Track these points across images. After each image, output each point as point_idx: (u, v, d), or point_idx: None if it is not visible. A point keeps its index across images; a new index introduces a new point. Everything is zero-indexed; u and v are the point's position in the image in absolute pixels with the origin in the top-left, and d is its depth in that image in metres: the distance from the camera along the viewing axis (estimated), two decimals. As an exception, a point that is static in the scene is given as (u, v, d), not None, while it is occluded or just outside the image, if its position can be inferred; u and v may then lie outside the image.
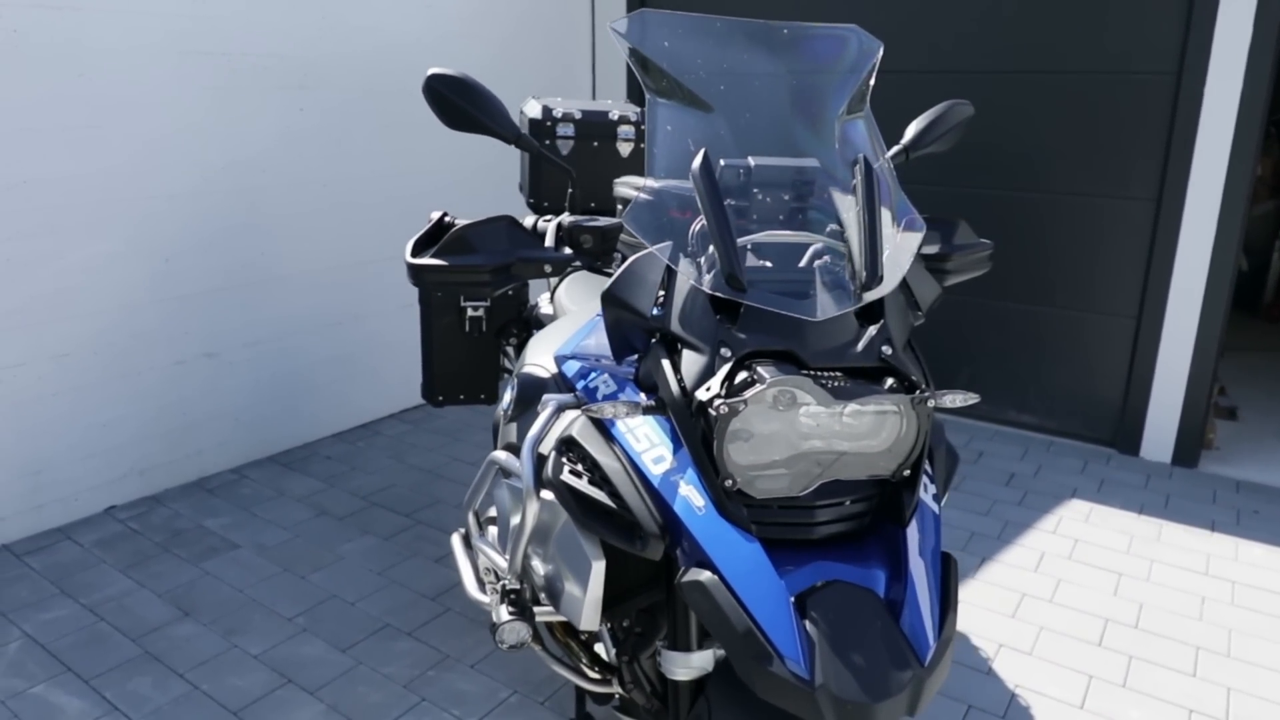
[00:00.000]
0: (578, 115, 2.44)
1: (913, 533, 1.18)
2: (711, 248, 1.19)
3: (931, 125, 1.55)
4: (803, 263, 1.25)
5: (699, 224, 1.25)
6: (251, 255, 3.28)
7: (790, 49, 1.35)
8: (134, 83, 2.85)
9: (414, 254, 1.31)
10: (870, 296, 1.18)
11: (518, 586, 1.44)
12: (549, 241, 1.40)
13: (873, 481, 1.21)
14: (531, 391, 1.54)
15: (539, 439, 1.34)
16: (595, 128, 2.45)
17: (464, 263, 1.27)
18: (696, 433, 1.17)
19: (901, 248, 1.26)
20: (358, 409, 3.81)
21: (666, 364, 1.21)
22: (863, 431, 1.13)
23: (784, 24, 1.36)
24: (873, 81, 1.39)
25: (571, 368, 1.47)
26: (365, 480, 3.29)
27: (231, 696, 2.13)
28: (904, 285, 1.29)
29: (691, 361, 1.19)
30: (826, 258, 1.25)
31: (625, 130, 2.48)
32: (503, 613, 1.41)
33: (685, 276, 1.22)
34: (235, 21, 3.08)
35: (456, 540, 1.98)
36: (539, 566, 1.45)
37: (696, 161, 1.19)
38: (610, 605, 1.41)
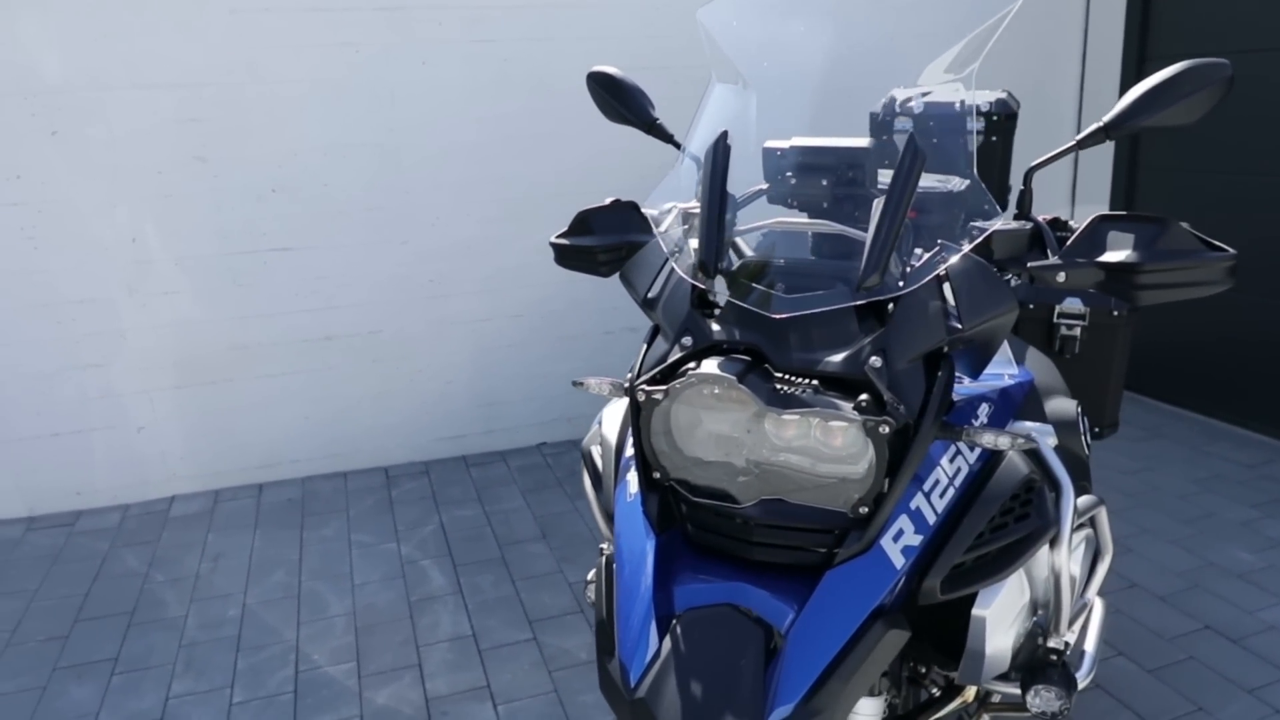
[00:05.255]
0: (918, 109, 2.30)
1: (838, 578, 0.99)
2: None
3: (1158, 91, 1.11)
4: (820, 255, 1.12)
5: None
6: (677, 246, 3.71)
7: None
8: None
9: (559, 235, 1.47)
10: (863, 297, 1.01)
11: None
12: (664, 227, 1.44)
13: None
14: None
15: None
16: (937, 120, 2.28)
17: (581, 243, 1.39)
18: (636, 420, 1.14)
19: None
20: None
21: (643, 348, 1.21)
22: (832, 453, 0.98)
23: None
24: (991, 43, 1.14)
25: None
26: (740, 461, 3.51)
27: (536, 609, 2.54)
28: (950, 291, 1.05)
29: (656, 348, 1.17)
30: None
31: (971, 123, 2.27)
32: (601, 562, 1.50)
33: (674, 263, 1.19)
34: (679, 40, 3.49)
35: None
36: None
37: (712, 141, 1.15)
38: None
